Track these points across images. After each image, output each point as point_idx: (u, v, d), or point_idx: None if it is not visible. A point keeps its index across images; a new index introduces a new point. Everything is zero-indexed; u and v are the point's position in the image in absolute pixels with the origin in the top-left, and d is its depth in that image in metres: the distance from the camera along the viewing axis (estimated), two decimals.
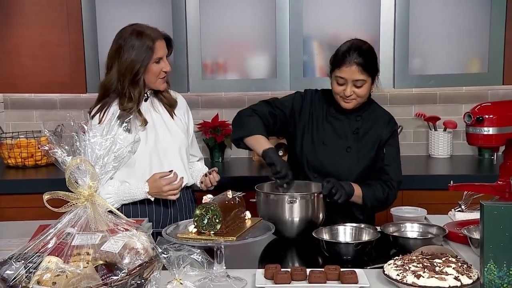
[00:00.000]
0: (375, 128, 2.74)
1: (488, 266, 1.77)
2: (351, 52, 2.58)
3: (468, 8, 3.74)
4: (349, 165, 2.70)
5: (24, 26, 3.84)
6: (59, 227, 1.79)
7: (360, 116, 2.74)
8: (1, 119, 4.27)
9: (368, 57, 2.60)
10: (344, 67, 2.58)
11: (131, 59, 2.61)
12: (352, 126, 2.74)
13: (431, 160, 4.07)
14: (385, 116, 2.79)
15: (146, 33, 2.63)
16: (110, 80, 2.65)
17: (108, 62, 2.69)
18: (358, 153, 2.71)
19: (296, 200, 2.42)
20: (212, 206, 1.90)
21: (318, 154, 2.73)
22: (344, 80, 2.60)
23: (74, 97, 4.15)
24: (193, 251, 1.84)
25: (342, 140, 2.73)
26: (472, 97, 4.07)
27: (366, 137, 2.73)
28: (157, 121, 2.73)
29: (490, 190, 2.41)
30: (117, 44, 2.65)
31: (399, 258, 2.00)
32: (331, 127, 2.75)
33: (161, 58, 2.66)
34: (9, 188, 3.69)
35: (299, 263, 2.35)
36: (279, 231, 2.42)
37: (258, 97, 3.10)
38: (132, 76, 2.62)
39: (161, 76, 2.69)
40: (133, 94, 2.64)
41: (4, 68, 3.87)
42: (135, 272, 1.70)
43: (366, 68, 2.58)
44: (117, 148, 1.85)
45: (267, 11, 3.77)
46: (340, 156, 2.72)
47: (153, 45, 2.62)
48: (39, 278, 1.68)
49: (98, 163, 1.82)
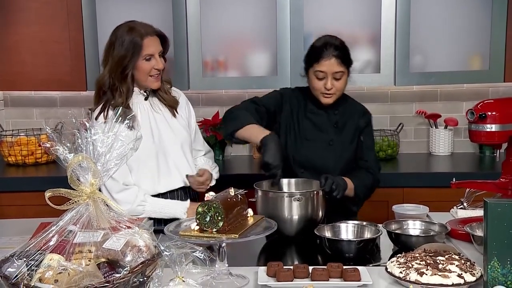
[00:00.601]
0: (352, 119, 2.82)
1: (491, 264, 1.77)
2: (327, 47, 2.67)
3: (469, 5, 3.73)
4: (334, 157, 2.76)
5: (24, 24, 3.84)
6: (61, 224, 1.78)
7: (337, 110, 2.80)
8: (1, 117, 4.26)
9: (343, 50, 2.71)
10: (323, 60, 2.65)
11: (120, 54, 2.60)
12: (331, 120, 2.80)
13: (432, 158, 4.06)
14: (360, 109, 2.88)
15: (137, 29, 2.61)
16: (103, 76, 2.65)
17: (103, 58, 2.70)
18: (341, 145, 2.78)
19: (302, 198, 2.41)
20: (214, 204, 1.89)
21: (303, 149, 2.78)
22: (324, 74, 2.66)
23: (75, 95, 4.14)
24: (195, 249, 1.82)
25: (323, 134, 2.79)
26: (473, 95, 4.06)
27: (346, 129, 2.80)
28: (159, 120, 2.72)
29: (492, 187, 2.40)
30: (110, 40, 2.66)
31: (402, 256, 1.99)
32: (310, 122, 2.80)
33: (151, 55, 2.62)
34: (9, 186, 3.69)
35: (301, 260, 2.34)
36: (279, 229, 2.38)
37: (259, 94, 3.09)
38: (121, 71, 2.61)
39: (152, 73, 2.65)
40: (121, 89, 2.63)
41: (4, 65, 3.87)
42: (137, 269, 1.69)
43: (343, 60, 2.67)
44: (119, 145, 1.85)
45: (268, 9, 3.76)
46: (324, 150, 2.77)
47: (141, 41, 2.59)
48: (41, 276, 1.67)
49: (100, 161, 1.81)
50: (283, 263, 2.02)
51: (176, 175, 2.72)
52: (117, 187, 2.58)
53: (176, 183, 2.72)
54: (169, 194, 2.71)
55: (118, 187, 2.59)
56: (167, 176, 2.69)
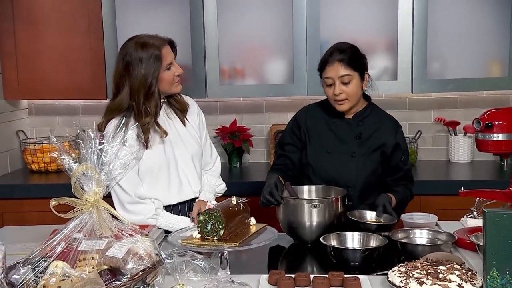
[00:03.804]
0: (379, 132, 2.78)
1: (490, 274, 1.77)
2: (333, 53, 2.69)
3: (487, 10, 3.70)
4: (356, 170, 2.74)
5: (46, 33, 3.92)
6: (65, 232, 1.83)
7: (362, 122, 2.78)
8: (26, 125, 4.35)
9: (349, 53, 2.70)
10: (328, 67, 2.68)
11: (142, 73, 2.54)
12: (354, 131, 2.77)
13: (451, 165, 4.04)
14: (389, 121, 2.84)
15: (150, 43, 2.57)
16: (121, 101, 2.58)
17: (117, 83, 2.61)
18: (363, 158, 2.75)
19: (320, 205, 2.46)
20: (215, 212, 1.92)
21: (323, 162, 2.77)
22: (331, 80, 2.68)
23: (96, 103, 4.20)
24: (196, 257, 1.86)
25: (346, 146, 2.76)
26: (493, 101, 4.03)
27: (370, 141, 2.77)
28: (171, 131, 2.70)
29: (501, 196, 2.38)
30: (124, 61, 2.58)
31: (404, 265, 2.00)
32: (333, 134, 2.78)
33: (170, 63, 2.62)
34: (32, 192, 3.76)
35: (309, 268, 2.36)
36: (298, 235, 2.51)
37: (276, 102, 3.12)
38: (146, 90, 2.56)
39: (175, 80, 2.65)
40: (149, 108, 2.57)
41: (28, 74, 3.96)
42: (137, 277, 1.74)
43: (348, 63, 2.66)
44: (123, 155, 1.89)
45: (285, 16, 3.78)
46: (345, 162, 2.75)
47: (160, 53, 2.56)
48: (45, 283, 1.72)
49: (104, 170, 1.86)
50: (292, 271, 2.04)
51: (187, 187, 2.71)
52: (129, 198, 2.58)
53: (187, 194, 2.72)
54: (180, 205, 2.71)
55: (131, 199, 2.58)
56: (178, 187, 2.69)
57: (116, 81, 2.62)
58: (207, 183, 2.85)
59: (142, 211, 2.59)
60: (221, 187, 2.91)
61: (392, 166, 2.78)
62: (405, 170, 2.81)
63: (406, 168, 2.81)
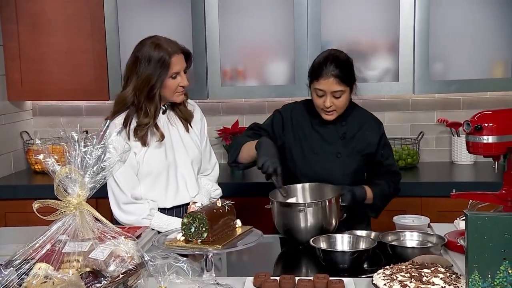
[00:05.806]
0: (362, 130, 2.79)
1: (472, 277, 1.75)
2: (327, 64, 2.62)
3: (490, 10, 3.67)
4: (342, 170, 2.75)
5: (50, 35, 3.96)
6: (48, 234, 1.84)
7: (345, 121, 2.78)
8: (30, 126, 4.39)
9: (345, 68, 2.64)
10: (322, 79, 2.62)
11: (147, 73, 2.57)
12: (338, 131, 2.77)
13: (454, 167, 4.01)
14: (371, 121, 2.83)
15: (164, 47, 2.58)
16: (126, 94, 2.62)
17: (126, 74, 2.66)
18: (348, 157, 2.76)
19: (305, 209, 2.42)
20: (199, 215, 1.92)
21: (310, 163, 2.77)
22: (323, 92, 2.64)
23: (99, 104, 4.23)
24: (179, 259, 1.86)
25: (331, 146, 2.77)
26: (497, 103, 4.00)
27: (354, 141, 2.77)
28: (174, 135, 2.72)
29: (493, 199, 2.36)
30: (135, 56, 2.62)
31: (389, 268, 1.99)
32: (318, 135, 2.78)
33: (177, 73, 2.61)
34: (36, 193, 3.76)
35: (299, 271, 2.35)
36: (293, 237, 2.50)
37: (278, 103, 3.11)
38: (148, 90, 2.59)
39: (178, 90, 2.65)
40: (148, 109, 2.60)
41: (32, 75, 4.00)
42: (118, 279, 1.74)
43: (343, 80, 2.62)
44: (107, 157, 1.90)
45: (286, 17, 3.78)
46: (331, 162, 2.76)
47: (170, 59, 2.57)
48: (27, 284, 1.74)
49: (88, 172, 1.87)
50: (289, 273, 2.05)
51: (184, 191, 2.72)
52: (125, 198, 2.61)
53: (183, 199, 2.72)
54: (175, 209, 2.71)
55: (127, 199, 2.61)
56: (175, 191, 2.70)
57: (126, 73, 2.66)
58: (204, 187, 2.85)
59: (137, 211, 2.61)
60: (217, 192, 2.90)
61: (374, 162, 2.80)
62: (386, 165, 2.81)
63: (386, 163, 2.81)
